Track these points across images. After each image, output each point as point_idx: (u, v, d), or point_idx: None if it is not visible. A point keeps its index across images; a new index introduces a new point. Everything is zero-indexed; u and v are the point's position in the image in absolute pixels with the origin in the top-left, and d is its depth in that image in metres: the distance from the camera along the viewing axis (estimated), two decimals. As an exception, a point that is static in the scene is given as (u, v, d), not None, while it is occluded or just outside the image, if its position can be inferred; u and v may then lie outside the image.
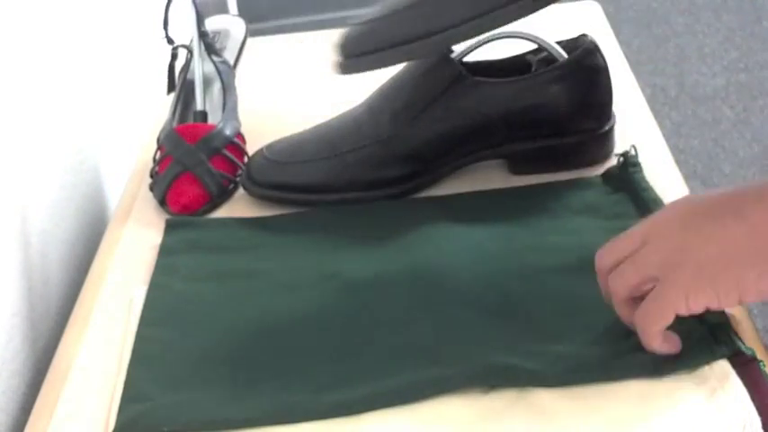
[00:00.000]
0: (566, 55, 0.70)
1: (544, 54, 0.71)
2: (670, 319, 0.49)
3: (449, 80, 0.68)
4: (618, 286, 0.51)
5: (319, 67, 0.93)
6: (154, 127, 0.85)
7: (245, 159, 0.76)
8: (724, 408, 0.49)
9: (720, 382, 0.50)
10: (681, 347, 0.50)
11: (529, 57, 0.73)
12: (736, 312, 0.57)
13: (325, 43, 0.97)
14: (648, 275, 0.49)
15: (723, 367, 0.51)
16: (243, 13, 2.29)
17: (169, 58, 0.84)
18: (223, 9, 2.23)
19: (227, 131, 0.76)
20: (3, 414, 0.62)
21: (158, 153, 0.76)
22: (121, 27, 0.96)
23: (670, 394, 0.50)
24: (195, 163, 0.73)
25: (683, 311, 0.48)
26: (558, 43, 0.71)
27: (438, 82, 0.69)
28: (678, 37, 2.26)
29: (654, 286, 0.49)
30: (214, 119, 0.79)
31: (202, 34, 0.82)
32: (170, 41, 0.83)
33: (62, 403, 0.58)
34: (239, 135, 0.78)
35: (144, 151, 0.83)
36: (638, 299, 0.50)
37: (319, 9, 2.45)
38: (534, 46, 0.72)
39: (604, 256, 0.52)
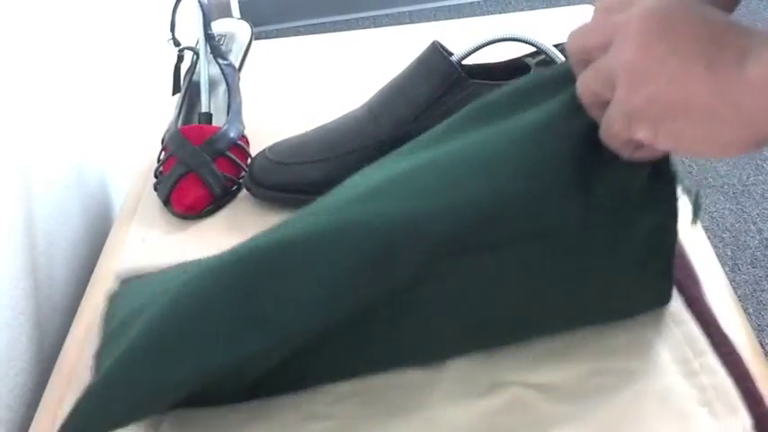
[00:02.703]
0: (563, 58, 0.71)
1: (542, 57, 0.72)
2: (624, 136, 0.46)
3: (448, 82, 0.69)
4: (581, 90, 0.48)
5: (321, 69, 0.94)
6: (159, 127, 0.85)
7: (249, 161, 0.77)
8: (717, 408, 0.49)
9: (712, 385, 0.51)
10: (656, 156, 0.48)
11: (527, 60, 0.74)
12: (733, 311, 0.58)
13: (326, 46, 0.98)
14: (606, 84, 0.46)
15: (712, 365, 0.51)
16: (245, 16, 2.30)
17: (175, 60, 0.85)
18: (226, 12, 2.24)
19: (232, 133, 0.76)
20: (10, 411, 0.62)
21: (163, 153, 0.77)
22: (128, 28, 0.97)
23: (661, 398, 0.51)
24: (199, 164, 0.73)
25: (625, 135, 0.46)
26: (556, 46, 0.72)
27: (437, 84, 0.69)
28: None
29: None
30: (219, 121, 0.80)
31: (209, 37, 0.82)
32: (176, 44, 0.84)
33: (67, 401, 0.59)
34: (243, 137, 0.78)
35: (149, 152, 0.84)
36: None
37: (320, 12, 2.46)
38: (532, 49, 0.73)
39: (575, 33, 0.49)
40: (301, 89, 0.90)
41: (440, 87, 0.69)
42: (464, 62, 0.72)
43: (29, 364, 0.66)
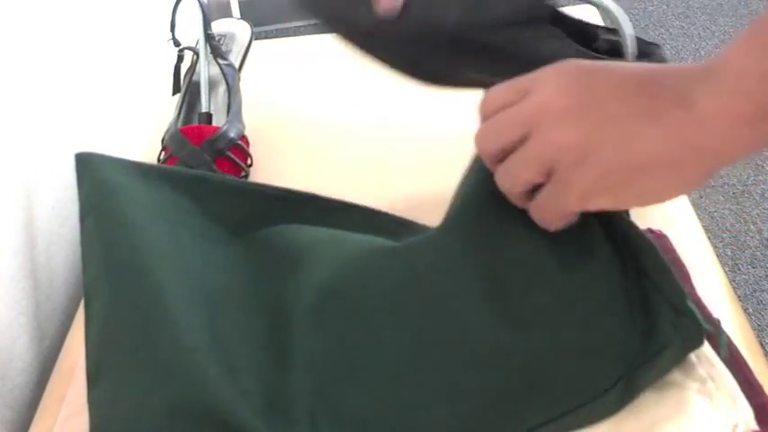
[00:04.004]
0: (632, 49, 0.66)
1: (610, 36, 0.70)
2: (570, 217, 0.46)
3: (534, 18, 0.62)
4: (507, 184, 0.47)
5: (321, 69, 0.94)
6: (158, 128, 0.85)
7: (249, 161, 0.77)
8: (717, 399, 0.49)
9: (711, 375, 0.50)
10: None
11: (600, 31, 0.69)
12: (733, 311, 0.58)
13: (326, 46, 0.98)
14: (540, 171, 0.45)
15: (709, 357, 0.51)
16: (245, 16, 2.30)
17: (175, 60, 0.85)
18: (226, 12, 2.24)
19: (232, 133, 0.76)
20: (10, 411, 0.62)
21: (163, 154, 0.77)
22: (128, 29, 0.97)
23: (661, 389, 0.51)
24: (199, 164, 0.73)
25: (578, 210, 0.45)
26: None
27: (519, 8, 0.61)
28: (674, 40, 2.27)
29: (546, 181, 0.45)
30: (219, 121, 0.80)
31: (209, 37, 0.82)
32: (176, 44, 0.84)
33: (67, 401, 0.59)
34: (243, 137, 0.78)
35: (149, 152, 0.84)
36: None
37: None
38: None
39: (486, 138, 0.47)
40: (301, 89, 0.90)
41: (519, 14, 0.61)
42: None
43: (29, 364, 0.66)
